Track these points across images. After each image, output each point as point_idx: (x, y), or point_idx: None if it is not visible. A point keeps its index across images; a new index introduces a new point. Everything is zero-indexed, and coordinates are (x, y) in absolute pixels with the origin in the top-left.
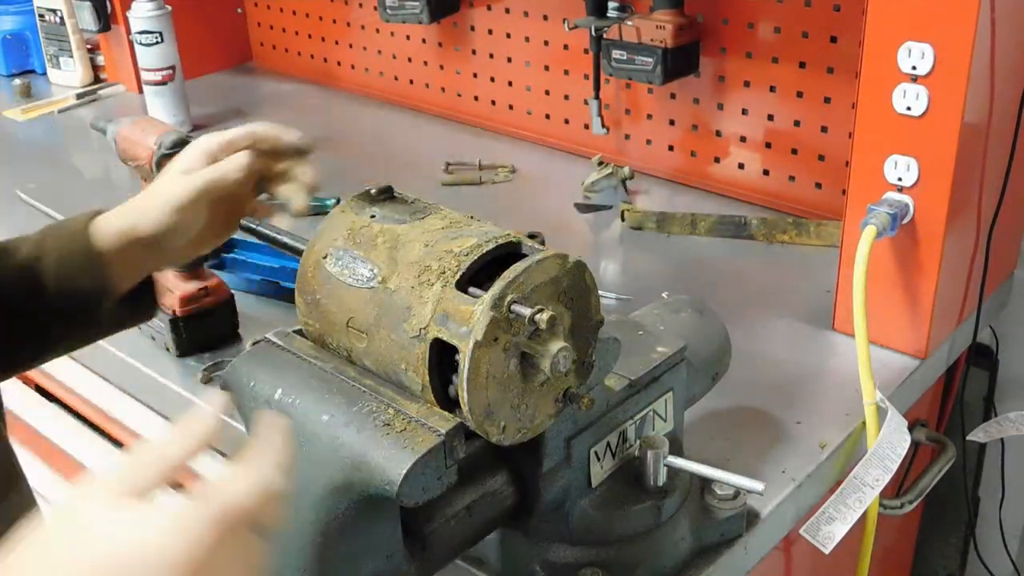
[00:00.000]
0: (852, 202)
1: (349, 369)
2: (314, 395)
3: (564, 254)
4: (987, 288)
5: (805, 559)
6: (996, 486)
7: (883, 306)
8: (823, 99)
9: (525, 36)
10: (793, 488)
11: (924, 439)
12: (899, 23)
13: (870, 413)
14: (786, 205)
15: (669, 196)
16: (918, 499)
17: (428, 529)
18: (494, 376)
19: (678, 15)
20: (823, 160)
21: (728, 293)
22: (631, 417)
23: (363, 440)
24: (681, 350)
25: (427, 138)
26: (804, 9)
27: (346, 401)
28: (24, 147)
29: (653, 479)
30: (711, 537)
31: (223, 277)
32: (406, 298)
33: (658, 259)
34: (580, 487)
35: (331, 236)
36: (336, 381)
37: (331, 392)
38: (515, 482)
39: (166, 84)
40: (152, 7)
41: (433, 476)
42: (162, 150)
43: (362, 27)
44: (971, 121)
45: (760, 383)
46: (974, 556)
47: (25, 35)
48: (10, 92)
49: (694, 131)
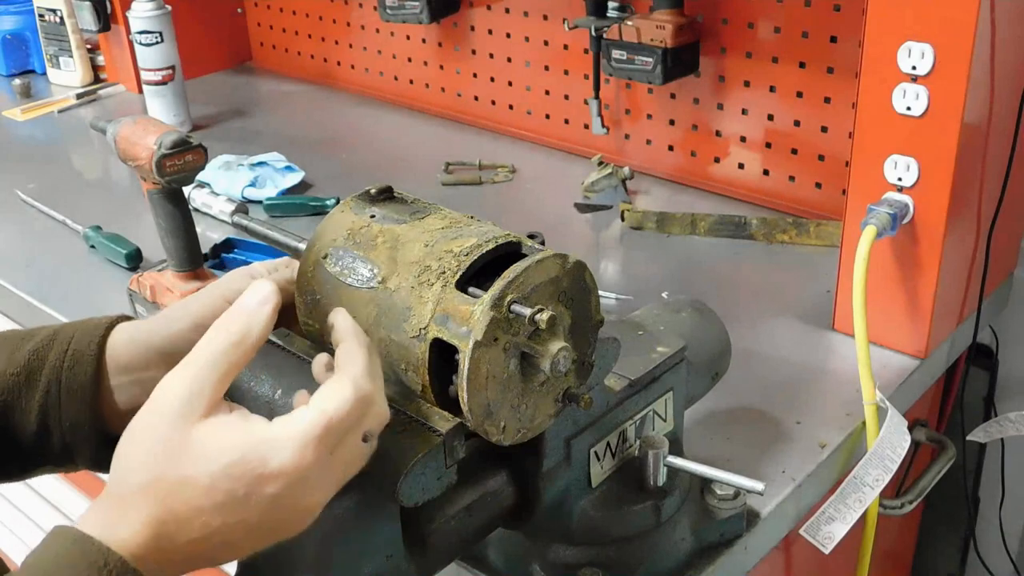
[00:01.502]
0: (852, 202)
1: None
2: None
3: (564, 254)
4: (987, 288)
5: (805, 559)
6: (996, 486)
7: (883, 306)
8: (823, 99)
9: (525, 36)
10: (793, 488)
11: (924, 439)
12: (899, 23)
13: (870, 413)
14: (786, 205)
15: (669, 196)
16: (918, 499)
17: (428, 529)
18: (494, 376)
19: (678, 15)
20: (823, 160)
21: (728, 293)
22: (631, 417)
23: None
24: (681, 350)
25: (427, 138)
26: (804, 9)
27: None
28: (24, 147)
29: (653, 479)
30: (711, 537)
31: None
32: (406, 298)
33: (658, 259)
34: (580, 487)
35: (331, 236)
36: None
37: None
38: (515, 482)
39: (166, 84)
40: (152, 7)
41: (433, 476)
42: (162, 150)
43: (362, 27)
44: (971, 121)
45: (760, 383)
46: (974, 556)
47: (25, 35)
48: (10, 92)
49: (694, 131)
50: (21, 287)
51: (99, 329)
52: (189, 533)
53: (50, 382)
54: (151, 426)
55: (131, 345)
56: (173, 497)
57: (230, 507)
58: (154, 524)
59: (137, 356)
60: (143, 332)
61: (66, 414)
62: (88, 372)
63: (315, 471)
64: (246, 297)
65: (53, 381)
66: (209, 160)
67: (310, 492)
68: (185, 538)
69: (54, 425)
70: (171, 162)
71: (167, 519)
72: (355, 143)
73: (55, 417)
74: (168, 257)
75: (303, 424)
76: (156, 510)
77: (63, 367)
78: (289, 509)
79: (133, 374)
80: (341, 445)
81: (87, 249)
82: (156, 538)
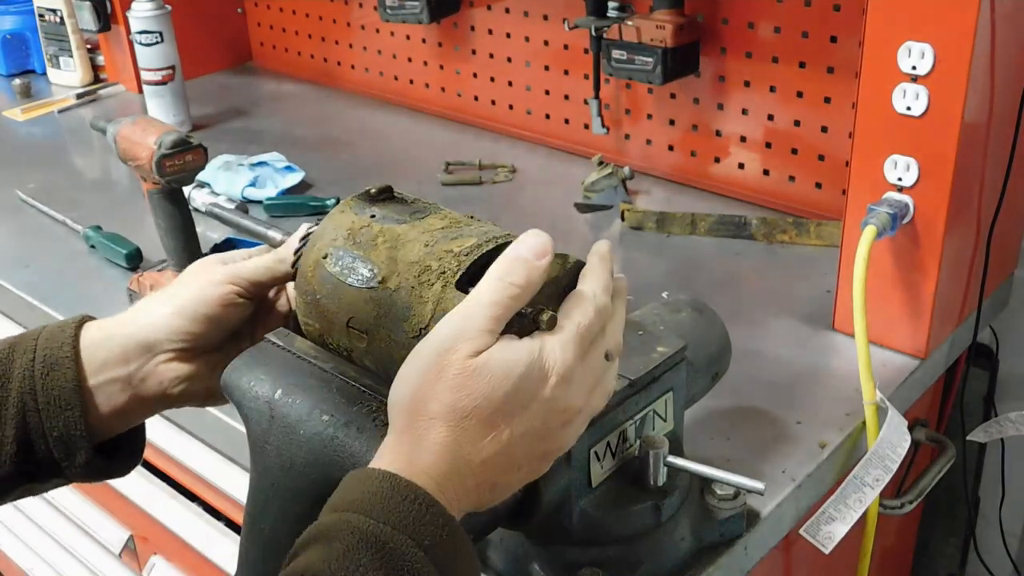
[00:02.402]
0: (852, 202)
1: (349, 369)
2: (314, 395)
3: (564, 254)
4: (987, 288)
5: (805, 559)
6: (996, 486)
7: (883, 306)
8: (823, 99)
9: (525, 36)
10: (793, 488)
11: (924, 439)
12: (899, 23)
13: (870, 413)
14: (786, 205)
15: (669, 196)
16: (918, 499)
17: None
18: None
19: (678, 15)
20: (823, 160)
21: (728, 293)
22: (631, 417)
23: (363, 440)
24: (681, 350)
25: (427, 138)
26: (804, 9)
27: (346, 401)
28: (24, 147)
29: (653, 479)
30: (711, 537)
31: None
32: (406, 298)
33: (658, 259)
34: (580, 487)
35: (331, 236)
36: (336, 381)
37: (331, 392)
38: None
39: (166, 84)
40: (152, 7)
41: None
42: (162, 150)
43: (362, 27)
44: (971, 121)
45: (760, 383)
46: (974, 556)
47: (25, 35)
48: (10, 92)
49: (694, 131)
50: (21, 287)
51: (67, 332)
52: (482, 452)
53: (23, 395)
54: (437, 359)
55: (108, 342)
56: (469, 419)
57: (519, 418)
58: (452, 447)
59: (114, 352)
60: (119, 326)
61: (50, 426)
62: (68, 377)
63: (577, 371)
64: (523, 248)
65: (27, 393)
66: (209, 160)
67: (574, 393)
68: (479, 458)
69: (37, 439)
70: (171, 162)
71: (463, 441)
72: (355, 143)
73: (37, 431)
74: (168, 257)
75: (562, 332)
76: (453, 434)
77: (35, 376)
78: (560, 411)
79: (111, 371)
80: (592, 350)
81: (87, 249)
82: (453, 461)
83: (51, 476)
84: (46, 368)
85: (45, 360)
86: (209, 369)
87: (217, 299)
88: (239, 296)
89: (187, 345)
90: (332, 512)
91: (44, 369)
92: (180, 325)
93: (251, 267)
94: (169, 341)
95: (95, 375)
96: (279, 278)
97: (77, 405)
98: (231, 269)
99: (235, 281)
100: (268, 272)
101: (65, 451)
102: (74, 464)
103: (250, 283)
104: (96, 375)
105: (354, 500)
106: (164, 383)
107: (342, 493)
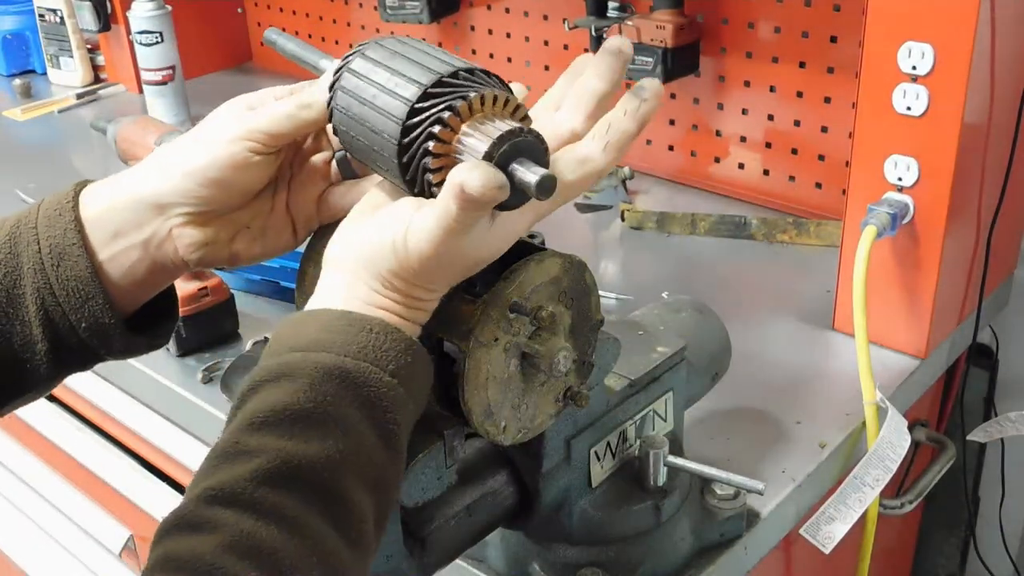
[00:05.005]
0: (852, 202)
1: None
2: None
3: (564, 254)
4: (987, 288)
5: (805, 559)
6: (996, 486)
7: (883, 306)
8: (823, 99)
9: (525, 36)
10: (793, 488)
11: (924, 439)
12: (899, 23)
13: (870, 413)
14: (786, 205)
15: (669, 196)
16: (918, 499)
17: (428, 529)
18: (494, 376)
19: (678, 15)
20: (823, 160)
21: (728, 293)
22: (631, 417)
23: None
24: (681, 350)
25: None
26: (804, 9)
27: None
28: (24, 147)
29: (653, 479)
30: (711, 537)
31: (223, 277)
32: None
33: (658, 259)
34: (580, 487)
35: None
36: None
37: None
38: (515, 482)
39: (166, 84)
40: (152, 7)
41: (433, 476)
42: None
43: (362, 27)
44: (971, 121)
45: (760, 383)
46: (974, 556)
47: (25, 35)
48: (10, 92)
49: (694, 131)
50: None
51: (66, 208)
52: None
53: (40, 291)
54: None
55: (115, 208)
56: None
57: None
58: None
59: (126, 218)
60: (125, 189)
61: (77, 319)
62: (81, 266)
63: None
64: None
65: (43, 288)
66: None
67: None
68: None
69: (67, 335)
70: None
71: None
72: None
73: (64, 326)
74: None
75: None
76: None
77: (47, 269)
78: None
79: (125, 239)
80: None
81: None
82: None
83: (92, 361)
84: (55, 259)
85: (52, 250)
86: (230, 234)
87: (226, 160)
88: (256, 153)
89: (198, 208)
90: (292, 352)
91: (53, 260)
92: (189, 188)
93: (268, 117)
94: (180, 204)
95: (107, 247)
96: (305, 125)
97: (98, 293)
98: (247, 121)
99: (250, 136)
100: (290, 121)
101: (100, 340)
102: (112, 350)
103: (268, 136)
104: (109, 246)
105: (314, 339)
106: (181, 249)
107: (296, 332)
